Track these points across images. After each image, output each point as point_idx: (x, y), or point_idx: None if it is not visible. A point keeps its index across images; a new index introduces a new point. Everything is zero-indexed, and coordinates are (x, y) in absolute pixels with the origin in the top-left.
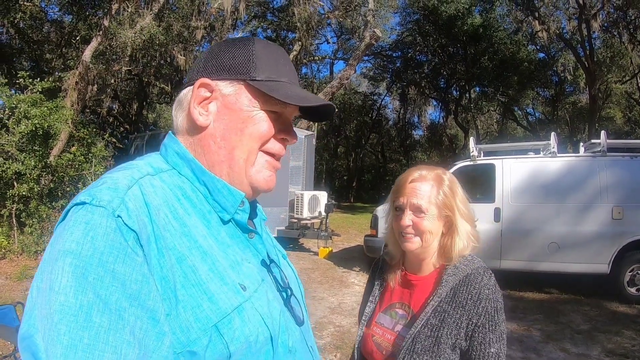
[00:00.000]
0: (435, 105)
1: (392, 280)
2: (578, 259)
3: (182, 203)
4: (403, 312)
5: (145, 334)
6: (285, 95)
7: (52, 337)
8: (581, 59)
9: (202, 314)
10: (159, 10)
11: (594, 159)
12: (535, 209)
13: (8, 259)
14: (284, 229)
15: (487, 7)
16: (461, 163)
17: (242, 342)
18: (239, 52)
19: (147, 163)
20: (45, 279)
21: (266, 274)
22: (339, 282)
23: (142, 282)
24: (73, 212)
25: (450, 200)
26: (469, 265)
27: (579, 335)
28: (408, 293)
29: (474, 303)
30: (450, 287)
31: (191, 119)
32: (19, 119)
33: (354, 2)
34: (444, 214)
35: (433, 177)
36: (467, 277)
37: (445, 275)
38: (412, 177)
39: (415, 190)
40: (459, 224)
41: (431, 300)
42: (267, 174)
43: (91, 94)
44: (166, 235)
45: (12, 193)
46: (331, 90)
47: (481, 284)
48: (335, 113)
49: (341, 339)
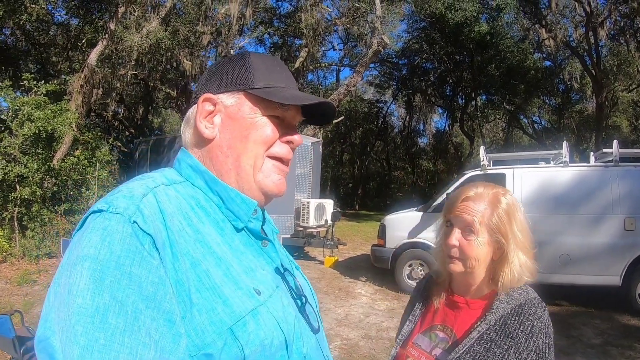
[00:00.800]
0: (441, 113)
1: (437, 300)
2: (589, 271)
3: (196, 212)
4: (444, 335)
5: (162, 336)
6: (283, 97)
7: (69, 338)
8: (588, 67)
9: (216, 317)
10: (166, 14)
11: (606, 169)
12: (546, 220)
13: (9, 263)
14: (290, 237)
15: (494, 15)
16: (471, 172)
17: (256, 346)
18: (236, 66)
19: (161, 175)
20: (64, 284)
21: (280, 281)
22: (345, 292)
23: (158, 285)
24: (91, 220)
25: (505, 226)
26: (523, 294)
27: (591, 350)
28: (453, 316)
29: (525, 336)
30: (501, 315)
31: (198, 133)
32: (22, 122)
33: (361, 9)
34: (495, 239)
35: (490, 197)
36: (519, 306)
37: (497, 302)
38: (466, 194)
39: (467, 210)
40: (511, 254)
41: (478, 326)
42: (276, 178)
43: (96, 97)
44: (180, 241)
45: (15, 196)
46: (337, 97)
47: (535, 316)
48: (337, 114)
49: (349, 352)
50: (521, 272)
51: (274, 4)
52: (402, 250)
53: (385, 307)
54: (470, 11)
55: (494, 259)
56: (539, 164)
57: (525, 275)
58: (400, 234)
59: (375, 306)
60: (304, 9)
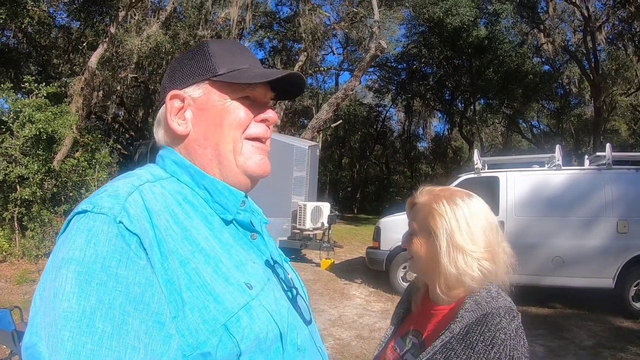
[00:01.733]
0: (440, 118)
1: (415, 305)
2: (582, 273)
3: (183, 208)
4: (416, 340)
5: (152, 338)
6: (249, 77)
7: (56, 344)
8: (586, 71)
9: (209, 315)
10: (166, 18)
11: (599, 172)
12: (539, 223)
13: (9, 262)
14: (287, 240)
15: (492, 19)
16: (465, 175)
17: (252, 340)
18: (196, 57)
19: (147, 172)
20: (49, 287)
21: (271, 274)
22: (340, 294)
23: (145, 285)
24: (75, 221)
25: (438, 222)
26: (491, 303)
27: (583, 351)
28: (425, 321)
29: (485, 347)
30: (465, 324)
31: (171, 131)
32: (23, 123)
33: (359, 14)
34: (432, 234)
35: (433, 195)
36: (484, 316)
37: (462, 310)
38: (411, 198)
39: (413, 212)
40: (441, 250)
41: (442, 334)
42: (258, 158)
43: (97, 100)
44: (168, 240)
45: (15, 196)
46: (336, 101)
47: (498, 326)
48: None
49: (341, 352)
50: (457, 273)
51: (274, 8)
52: (396, 252)
53: (379, 309)
54: (467, 16)
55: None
56: (533, 168)
57: (466, 276)
58: (395, 236)
59: (369, 307)
60: (303, 14)
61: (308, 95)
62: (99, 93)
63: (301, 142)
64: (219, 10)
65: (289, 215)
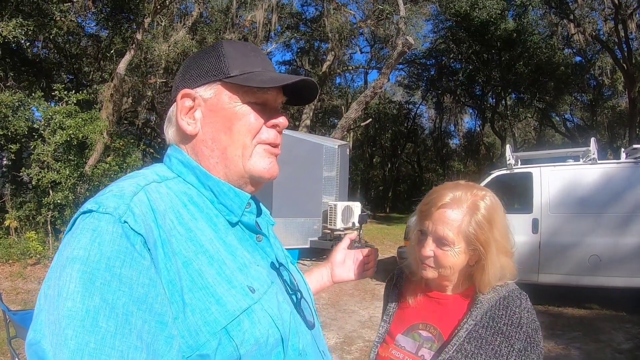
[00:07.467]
0: (472, 114)
1: (412, 297)
2: (620, 273)
3: (188, 209)
4: (428, 334)
5: (154, 338)
6: (261, 81)
7: (60, 342)
8: (619, 61)
9: (210, 317)
10: (193, 23)
11: (636, 166)
12: (575, 220)
13: (42, 264)
14: (317, 240)
15: (520, 11)
16: (497, 172)
17: (252, 344)
18: (210, 57)
19: (152, 172)
20: (53, 286)
21: (275, 277)
22: (371, 294)
23: (149, 286)
24: (80, 221)
25: (486, 233)
26: (504, 286)
27: (620, 355)
28: (433, 313)
29: (515, 329)
30: (486, 309)
31: (181, 130)
32: (54, 130)
33: (385, 11)
34: (473, 248)
35: (468, 204)
36: (504, 299)
37: (480, 296)
38: (442, 201)
39: (443, 219)
40: (492, 259)
41: (465, 323)
42: (267, 162)
43: (127, 105)
44: (172, 240)
45: (48, 201)
46: (365, 99)
47: (521, 307)
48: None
49: (368, 354)
50: (502, 275)
51: (300, 9)
52: None
53: None
54: (494, 9)
55: (470, 263)
56: (567, 162)
57: (505, 278)
58: None
59: None
60: (328, 13)
61: (337, 94)
62: (128, 99)
63: (331, 142)
64: (245, 13)
65: (319, 215)
